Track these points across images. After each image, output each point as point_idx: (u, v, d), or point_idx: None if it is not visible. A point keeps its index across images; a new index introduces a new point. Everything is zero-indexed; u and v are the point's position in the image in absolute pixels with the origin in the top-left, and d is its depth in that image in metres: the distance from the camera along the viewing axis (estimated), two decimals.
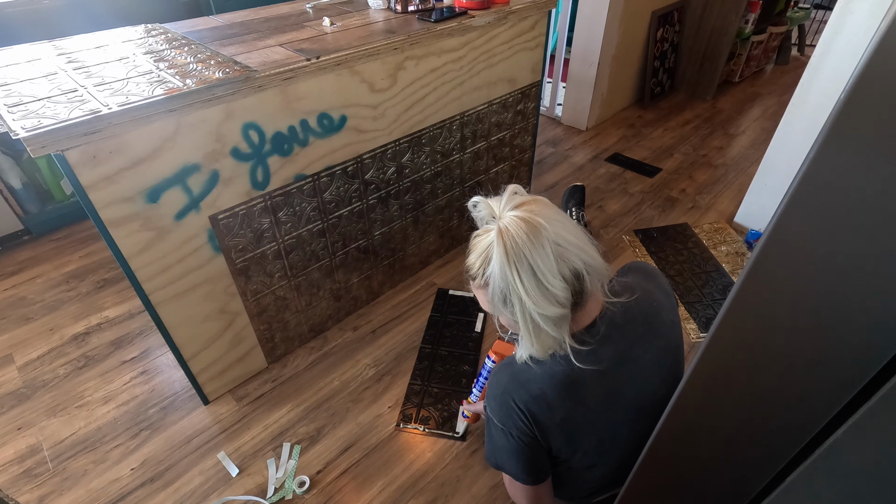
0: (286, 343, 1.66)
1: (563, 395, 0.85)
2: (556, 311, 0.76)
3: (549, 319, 0.77)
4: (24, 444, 1.43)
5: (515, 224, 0.76)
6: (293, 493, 1.31)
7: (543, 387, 0.85)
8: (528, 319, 0.78)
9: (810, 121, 1.86)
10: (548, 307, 0.76)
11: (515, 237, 0.75)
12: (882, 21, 0.34)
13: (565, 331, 0.80)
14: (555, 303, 0.76)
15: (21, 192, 2.10)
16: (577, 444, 0.92)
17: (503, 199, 0.80)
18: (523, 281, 0.75)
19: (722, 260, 2.02)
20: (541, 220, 0.76)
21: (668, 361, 0.91)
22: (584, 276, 0.78)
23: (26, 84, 1.10)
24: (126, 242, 1.12)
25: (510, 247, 0.75)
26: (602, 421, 0.89)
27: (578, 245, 0.78)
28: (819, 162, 0.40)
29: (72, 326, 1.79)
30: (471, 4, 1.61)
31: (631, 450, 0.95)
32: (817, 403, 0.50)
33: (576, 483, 1.05)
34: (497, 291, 0.78)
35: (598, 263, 0.81)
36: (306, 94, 1.28)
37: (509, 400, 0.87)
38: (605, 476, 1.02)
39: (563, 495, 1.15)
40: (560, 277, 0.76)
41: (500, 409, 0.89)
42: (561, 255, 0.76)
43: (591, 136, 3.00)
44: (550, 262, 0.75)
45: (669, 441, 0.73)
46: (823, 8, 4.44)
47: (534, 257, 0.75)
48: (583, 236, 0.80)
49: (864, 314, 0.43)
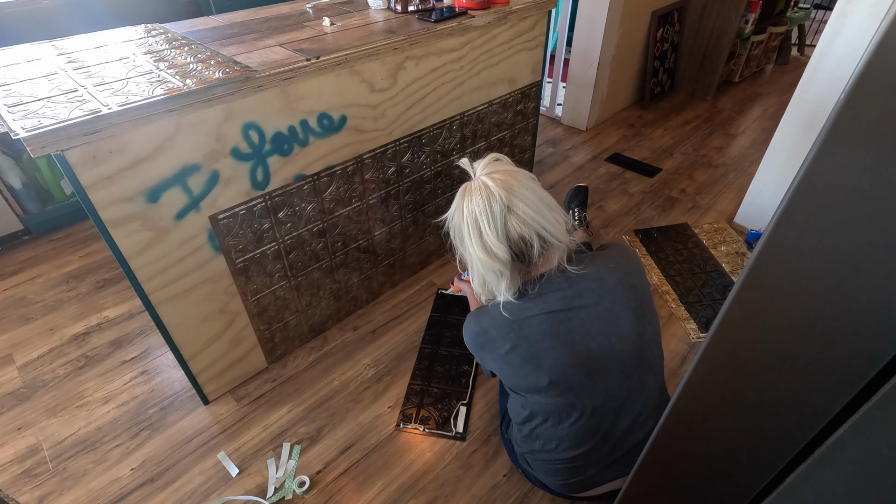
0: (286, 343, 1.66)
1: (506, 331, 0.98)
2: (494, 265, 0.92)
3: (489, 270, 0.93)
4: (24, 444, 1.43)
5: (478, 186, 0.92)
6: (293, 493, 1.31)
7: (491, 321, 1.00)
8: (473, 263, 0.97)
9: (810, 121, 1.86)
10: (487, 261, 0.92)
11: (472, 197, 0.92)
12: (882, 21, 0.34)
13: (503, 283, 0.94)
14: (495, 259, 0.91)
15: (21, 192, 2.10)
16: (527, 380, 1.01)
17: (481, 163, 0.97)
18: (470, 234, 0.94)
19: (722, 260, 2.02)
20: (499, 189, 0.90)
21: (627, 318, 0.97)
22: (531, 243, 0.91)
23: (26, 84, 1.10)
24: (126, 242, 1.12)
25: (465, 204, 0.94)
26: (548, 358, 0.97)
27: (533, 216, 0.90)
28: (819, 162, 0.40)
29: (72, 326, 1.79)
30: (471, 4, 1.61)
31: (595, 407, 1.02)
32: (817, 403, 0.50)
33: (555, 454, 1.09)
34: (456, 233, 0.99)
35: (555, 235, 0.93)
36: (306, 94, 1.28)
37: (469, 329, 1.05)
38: (580, 440, 1.05)
39: (553, 481, 1.16)
40: (504, 240, 0.91)
41: (465, 335, 1.08)
42: (510, 222, 0.90)
43: (591, 136, 3.00)
44: (496, 225, 0.90)
45: (669, 441, 0.73)
46: (823, 8, 4.44)
47: (481, 217, 0.91)
48: (545, 210, 0.92)
49: (864, 314, 0.43)
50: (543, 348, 0.97)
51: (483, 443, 1.42)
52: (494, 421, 1.47)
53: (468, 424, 1.46)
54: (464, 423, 1.46)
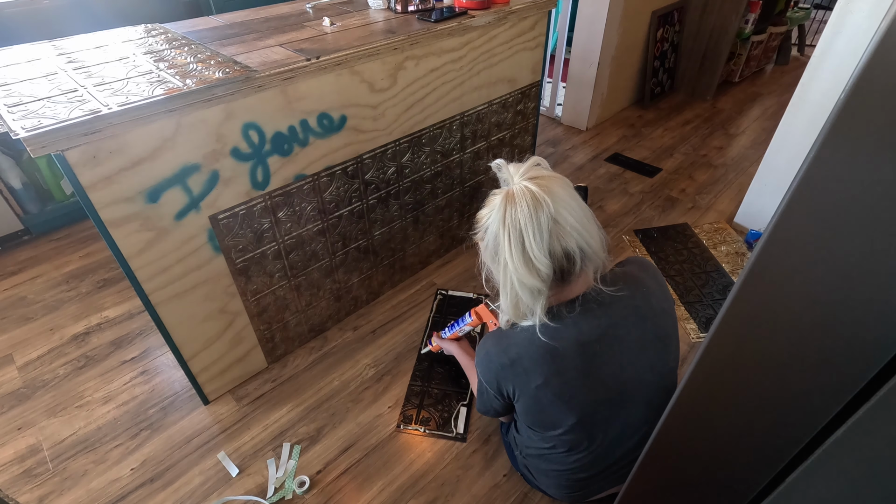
0: (286, 343, 1.66)
1: (539, 362, 0.88)
2: (534, 283, 0.82)
3: (526, 287, 0.83)
4: (24, 444, 1.43)
5: (522, 193, 0.81)
6: (293, 493, 1.31)
7: (521, 352, 0.89)
8: (509, 282, 0.84)
9: (810, 121, 1.86)
10: (527, 277, 0.81)
11: (517, 204, 0.80)
12: (882, 21, 0.34)
13: (539, 302, 0.84)
14: (536, 275, 0.81)
15: (21, 192, 2.10)
16: (552, 416, 0.94)
17: (522, 168, 0.85)
18: (511, 246, 0.81)
19: (722, 260, 2.02)
20: (546, 197, 0.79)
21: (656, 347, 0.92)
22: (574, 258, 0.82)
23: (26, 84, 1.10)
24: (126, 242, 1.12)
25: (509, 212, 0.81)
26: (581, 395, 0.91)
27: (578, 229, 0.81)
28: (819, 162, 0.40)
29: (72, 326, 1.79)
30: (471, 4, 1.61)
31: (613, 437, 0.97)
32: (817, 403, 0.50)
33: (563, 473, 1.07)
34: (490, 247, 0.86)
35: (596, 251, 0.85)
36: (306, 94, 1.28)
37: (490, 361, 0.95)
38: (591, 465, 1.02)
39: (556, 492, 1.16)
40: (547, 254, 0.80)
41: (484, 369, 0.97)
42: (556, 233, 0.80)
43: (591, 136, 3.00)
44: (542, 236, 0.80)
45: (669, 441, 0.73)
46: (823, 8, 4.44)
47: (527, 227, 0.79)
48: (587, 223, 0.83)
49: (864, 314, 0.43)
50: (576, 385, 0.89)
51: (483, 443, 1.42)
52: (494, 421, 1.47)
53: (468, 425, 1.46)
54: (464, 423, 1.46)
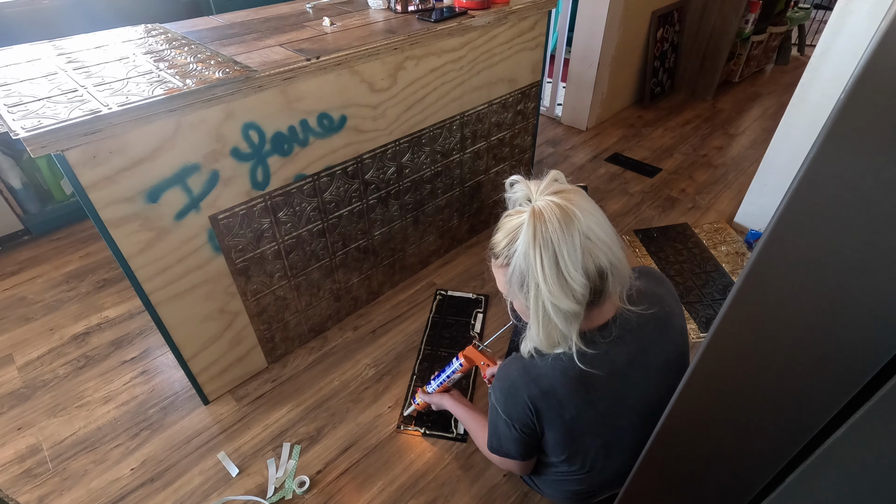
0: (286, 343, 1.66)
1: (574, 393, 0.83)
2: (570, 306, 0.75)
3: (560, 312, 0.76)
4: (24, 444, 1.43)
5: (550, 208, 0.74)
6: (293, 493, 1.31)
7: (555, 383, 0.84)
8: (541, 308, 0.76)
9: (810, 121, 1.86)
10: (563, 299, 0.74)
11: (547, 221, 0.73)
12: (882, 21, 0.34)
13: (574, 328, 0.78)
14: (571, 296, 0.75)
15: (21, 192, 2.10)
16: (580, 446, 0.92)
17: (542, 183, 0.79)
18: (545, 267, 0.74)
19: (722, 260, 2.02)
20: (575, 210, 0.74)
21: (675, 367, 0.90)
22: (607, 276, 0.77)
23: (26, 84, 1.10)
24: (126, 242, 1.12)
25: (539, 230, 0.73)
26: (608, 425, 0.88)
27: (608, 243, 0.76)
28: (819, 162, 0.40)
29: (72, 326, 1.79)
30: (471, 4, 1.61)
31: (628, 455, 0.95)
32: (817, 403, 0.50)
33: (573, 488, 1.06)
34: (517, 273, 0.77)
35: (623, 267, 0.79)
36: (306, 94, 1.28)
37: (517, 393, 0.87)
38: (603, 482, 1.02)
39: (560, 497, 1.15)
40: (582, 272, 0.74)
41: (507, 401, 0.89)
42: (588, 250, 0.74)
43: (591, 136, 3.00)
44: (576, 253, 0.73)
45: (669, 441, 0.73)
46: (823, 8, 4.44)
47: (560, 245, 0.73)
48: (614, 236, 0.78)
49: (864, 314, 0.43)
50: (610, 413, 0.86)
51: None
52: None
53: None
54: None
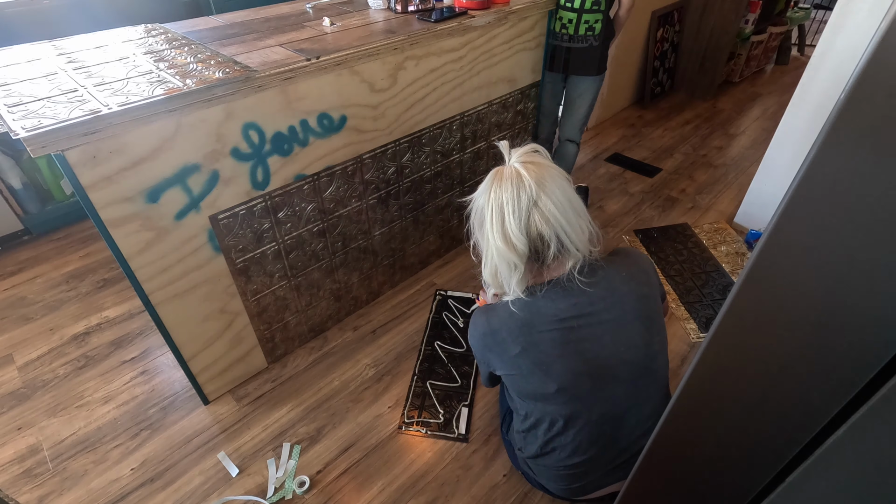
0: (286, 343, 1.66)
1: (516, 332, 0.96)
2: (510, 257, 0.90)
3: (504, 260, 0.91)
4: (24, 444, 1.43)
5: (510, 173, 0.89)
6: (293, 493, 1.31)
7: (501, 322, 0.98)
8: (488, 249, 0.93)
9: (810, 121, 1.86)
10: (504, 249, 0.90)
11: (503, 181, 0.89)
12: (882, 21, 0.34)
13: (515, 277, 0.92)
14: (512, 249, 0.89)
15: (21, 192, 2.10)
16: (535, 385, 0.99)
17: (520, 150, 0.93)
18: (493, 220, 0.90)
19: (722, 260, 2.02)
20: (531, 181, 0.87)
21: (636, 328, 0.97)
22: (549, 244, 0.89)
23: (26, 84, 1.10)
24: (126, 242, 1.12)
25: (495, 189, 0.89)
26: (558, 365, 0.96)
27: (558, 218, 0.88)
28: (819, 162, 0.40)
29: (72, 326, 1.79)
30: (471, 4, 1.61)
31: (601, 413, 1.01)
32: (817, 403, 0.50)
33: (561, 460, 1.08)
34: (477, 215, 0.95)
35: (574, 243, 0.91)
36: (306, 94, 1.28)
37: (474, 330, 1.03)
38: (586, 447, 1.05)
39: (555, 486, 1.16)
40: (524, 233, 0.88)
41: (471, 337, 1.06)
42: (534, 216, 0.87)
43: (591, 136, 3.00)
44: (520, 216, 0.87)
45: (669, 441, 0.73)
46: (823, 8, 4.44)
47: (508, 205, 0.88)
48: (571, 215, 0.89)
49: (864, 314, 0.43)
50: (553, 356, 0.95)
51: (483, 443, 1.42)
52: (494, 421, 1.47)
53: (470, 425, 1.46)
54: (466, 424, 1.46)
